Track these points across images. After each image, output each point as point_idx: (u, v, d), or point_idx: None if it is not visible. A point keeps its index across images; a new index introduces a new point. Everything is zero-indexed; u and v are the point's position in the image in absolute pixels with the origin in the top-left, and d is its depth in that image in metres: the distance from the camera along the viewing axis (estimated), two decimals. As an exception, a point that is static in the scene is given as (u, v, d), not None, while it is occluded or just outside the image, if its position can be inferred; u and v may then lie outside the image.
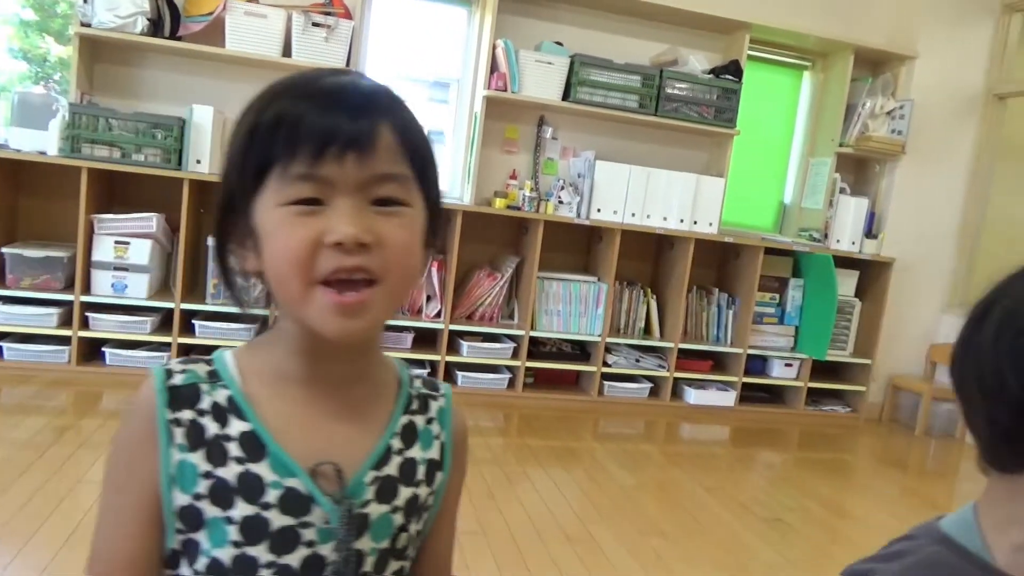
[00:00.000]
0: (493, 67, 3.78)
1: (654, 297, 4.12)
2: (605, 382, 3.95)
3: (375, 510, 0.66)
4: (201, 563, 0.63)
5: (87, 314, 3.35)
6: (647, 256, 4.25)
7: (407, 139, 0.64)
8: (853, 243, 4.23)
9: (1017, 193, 4.43)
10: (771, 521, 2.74)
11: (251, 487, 0.62)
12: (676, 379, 4.04)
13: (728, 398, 4.09)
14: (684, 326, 4.06)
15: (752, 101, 4.17)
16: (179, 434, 0.63)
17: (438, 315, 3.77)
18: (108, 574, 0.65)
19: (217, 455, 0.63)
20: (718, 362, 4.19)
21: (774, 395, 4.31)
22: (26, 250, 3.30)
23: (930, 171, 4.32)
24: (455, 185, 4.06)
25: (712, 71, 4.01)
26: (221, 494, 0.62)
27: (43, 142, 3.34)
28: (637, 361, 4.02)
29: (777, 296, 4.23)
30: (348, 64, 3.56)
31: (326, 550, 0.64)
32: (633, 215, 3.91)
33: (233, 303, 0.72)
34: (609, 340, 3.94)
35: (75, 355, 3.33)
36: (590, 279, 3.95)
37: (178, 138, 3.37)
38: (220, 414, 0.64)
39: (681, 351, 4.01)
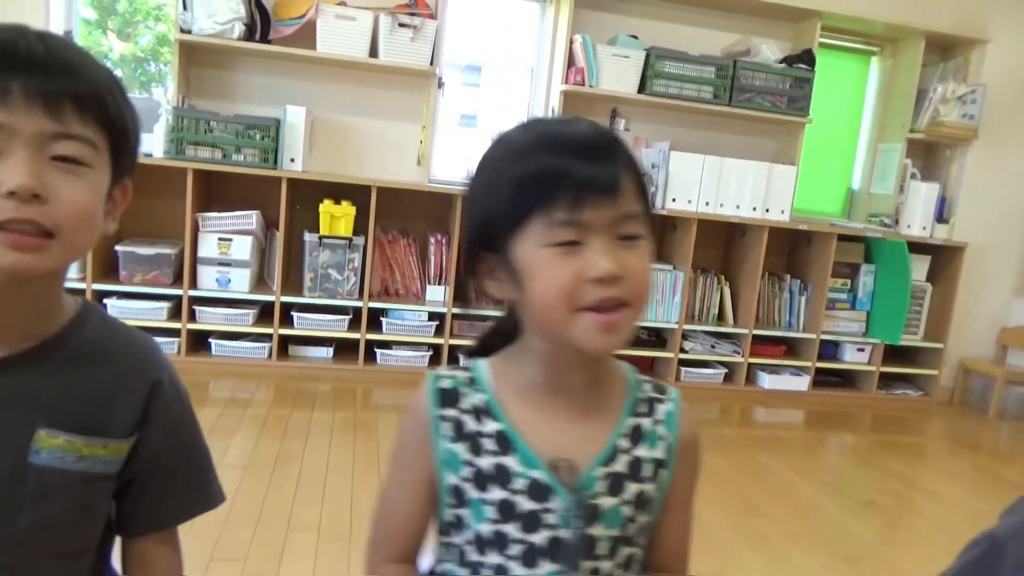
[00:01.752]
0: (570, 61, 3.87)
1: (727, 284, 4.20)
2: (682, 368, 4.05)
3: (606, 502, 0.76)
4: (468, 534, 0.77)
5: (194, 307, 3.53)
6: (718, 243, 4.33)
7: (639, 181, 0.75)
8: (924, 228, 4.26)
9: (1090, 175, 4.42)
10: (864, 503, 2.83)
11: (503, 475, 0.75)
12: (750, 364, 4.12)
13: (802, 383, 4.17)
14: (756, 312, 4.14)
15: (820, 88, 4.20)
16: (446, 428, 0.77)
17: (520, 304, 3.89)
18: (390, 528, 0.81)
19: (476, 448, 0.76)
20: (791, 347, 4.26)
21: (846, 379, 4.37)
22: (137, 247, 3.49)
23: (1002, 155, 4.33)
24: (532, 177, 4.17)
25: (784, 60, 4.06)
26: (480, 479, 0.75)
27: (148, 144, 3.51)
28: (712, 347, 4.11)
29: (849, 282, 4.28)
30: (432, 62, 3.68)
31: (564, 533, 0.75)
32: (707, 204, 3.99)
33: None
34: (685, 327, 4.03)
35: (184, 346, 3.52)
36: (666, 267, 4.04)
37: (274, 138, 3.52)
38: (477, 414, 0.77)
39: (755, 337, 4.09)
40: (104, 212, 0.72)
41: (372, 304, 3.69)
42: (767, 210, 4.06)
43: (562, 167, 0.70)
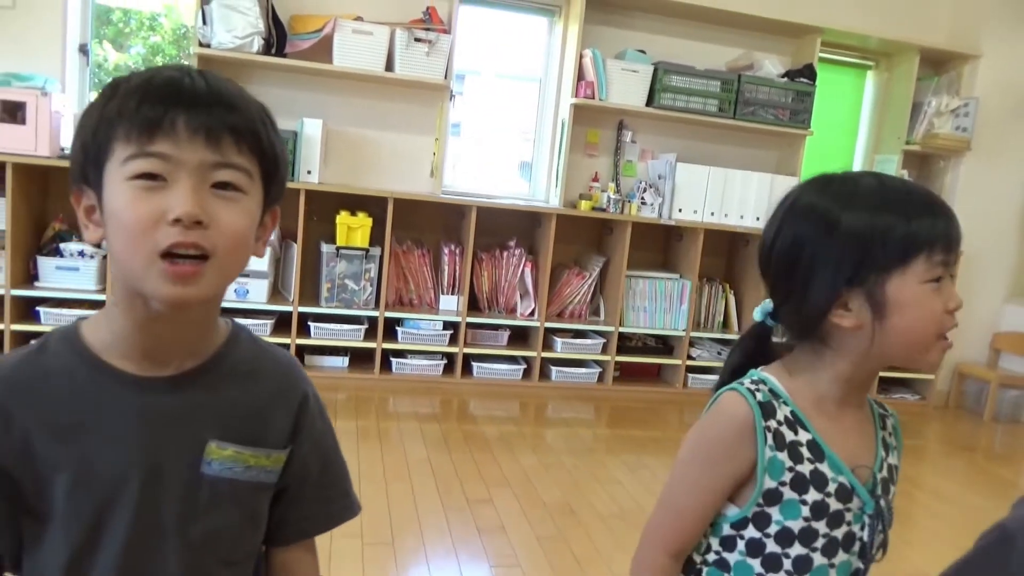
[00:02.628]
0: (580, 74, 3.96)
1: (732, 292, 4.30)
2: (689, 375, 4.14)
3: (884, 502, 0.89)
4: (772, 528, 0.86)
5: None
6: (722, 252, 4.43)
7: None
8: (920, 237, 4.38)
9: (1077, 185, 4.58)
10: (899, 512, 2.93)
11: (819, 480, 0.85)
12: (755, 370, 4.22)
13: (804, 387, 4.27)
14: (761, 319, 4.23)
15: (818, 100, 4.32)
16: (769, 437, 0.85)
17: (531, 314, 3.97)
18: (682, 524, 0.89)
19: (795, 455, 0.85)
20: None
21: (845, 384, 4.48)
22: (156, 259, 3.52)
23: (994, 166, 4.48)
24: (543, 188, 4.25)
25: (786, 74, 4.18)
26: (799, 483, 0.85)
27: (166, 157, 3.55)
28: (719, 354, 4.21)
29: (848, 289, 4.40)
30: (445, 75, 3.75)
31: (856, 528, 0.87)
32: (712, 214, 4.09)
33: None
34: (692, 334, 4.13)
35: (202, 357, 3.54)
36: (673, 276, 4.14)
37: (291, 150, 3.57)
38: (791, 425, 0.86)
39: (759, 343, 4.19)
40: (255, 237, 0.75)
41: (388, 314, 3.75)
42: (770, 220, 4.16)
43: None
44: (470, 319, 3.86)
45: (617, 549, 2.30)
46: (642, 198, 4.05)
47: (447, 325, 3.86)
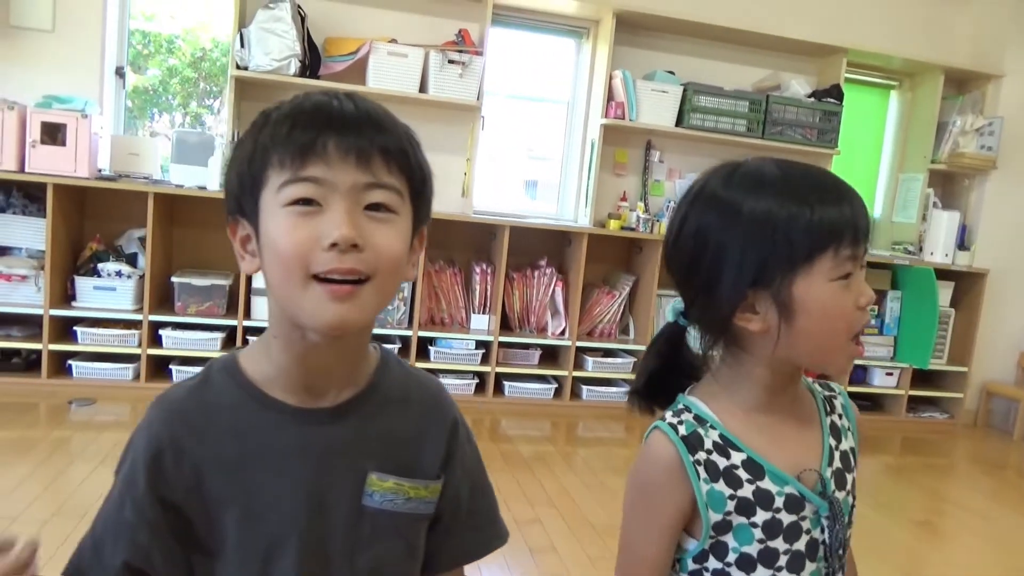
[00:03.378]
0: (610, 95, 3.99)
1: (760, 311, 4.30)
2: (719, 393, 4.14)
3: (839, 496, 0.85)
4: (730, 557, 0.82)
5: (248, 337, 3.58)
6: (749, 271, 4.43)
7: None
8: (946, 255, 4.40)
9: (1102, 203, 4.60)
10: (922, 523, 2.92)
11: (764, 498, 0.81)
12: (784, 389, 4.22)
13: (833, 406, 4.27)
14: (790, 338, 4.24)
15: (843, 120, 4.36)
16: (701, 471, 0.81)
17: (562, 333, 3.97)
18: (644, 571, 0.85)
19: (733, 481, 0.81)
20: (824, 373, 4.36)
21: (875, 403, 4.48)
22: (192, 279, 3.54)
23: (1020, 184, 4.50)
24: (571, 208, 4.28)
25: (813, 94, 4.21)
26: (744, 507, 0.81)
27: (203, 178, 3.58)
28: (748, 372, 4.20)
29: (876, 308, 4.41)
30: (478, 97, 3.79)
31: (817, 533, 0.83)
32: (741, 233, 4.10)
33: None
34: (722, 353, 4.12)
35: (237, 376, 3.55)
36: (701, 295, 4.14)
37: (326, 171, 3.60)
38: (721, 450, 0.82)
39: (788, 362, 4.19)
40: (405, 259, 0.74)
41: (422, 333, 3.76)
42: (797, 238, 4.18)
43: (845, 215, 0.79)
44: (502, 338, 3.87)
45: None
46: (671, 217, 4.07)
47: (479, 344, 3.87)
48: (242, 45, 3.54)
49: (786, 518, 0.82)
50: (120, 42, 3.82)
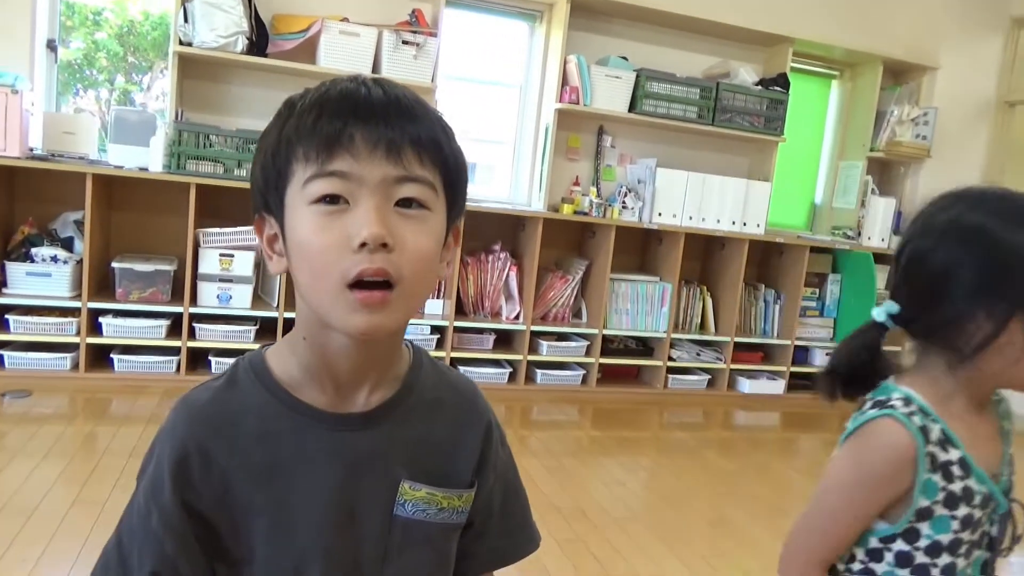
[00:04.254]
0: (564, 80, 3.99)
1: (709, 294, 4.39)
2: (669, 375, 4.22)
3: (1016, 502, 0.95)
4: (921, 543, 0.89)
5: (193, 324, 3.46)
6: (697, 255, 4.52)
7: None
8: (883, 240, 4.58)
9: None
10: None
11: (968, 495, 0.88)
12: (731, 370, 4.33)
13: (777, 387, 4.41)
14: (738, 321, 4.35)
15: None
16: (927, 462, 0.87)
17: (516, 317, 3.98)
18: (833, 542, 0.92)
19: (947, 475, 0.87)
20: (767, 353, 4.50)
21: (813, 381, 4.64)
22: (135, 264, 3.39)
23: (950, 172, 4.70)
24: (524, 192, 4.27)
25: (760, 82, 4.29)
26: (950, 501, 0.88)
27: (144, 158, 3.43)
28: (698, 355, 4.30)
29: (817, 291, 4.56)
30: (432, 79, 3.73)
31: (987, 527, 0.92)
32: (690, 218, 4.18)
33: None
34: (672, 336, 4.20)
35: (184, 365, 3.44)
36: (652, 279, 4.21)
37: (276, 153, 3.49)
38: (942, 445, 0.88)
39: (735, 344, 4.31)
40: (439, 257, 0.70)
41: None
42: (744, 224, 4.28)
43: None
44: (456, 323, 3.85)
45: (636, 551, 2.33)
46: (623, 202, 4.11)
47: (434, 329, 3.84)
48: (185, 20, 3.39)
49: (977, 513, 0.90)
50: (52, 13, 3.61)
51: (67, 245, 3.42)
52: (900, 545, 0.90)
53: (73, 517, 2.17)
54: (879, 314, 0.95)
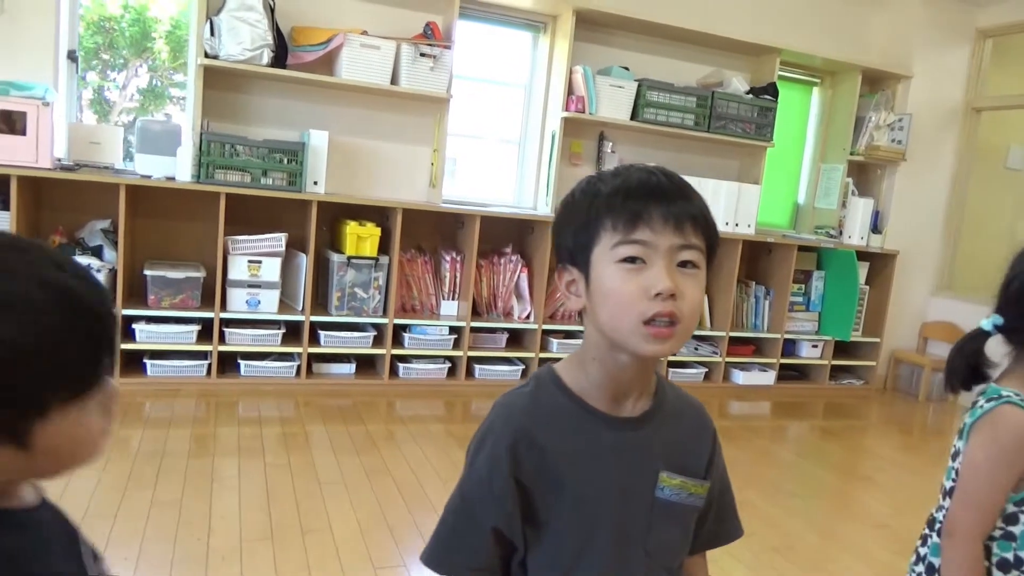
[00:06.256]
0: (570, 89, 4.18)
1: (705, 292, 4.63)
2: (669, 369, 4.46)
3: None
4: None
5: (223, 329, 3.57)
6: (691, 255, 4.76)
7: None
8: (862, 238, 4.88)
9: (989, 192, 5.22)
10: (864, 479, 3.33)
11: None
12: (726, 363, 4.59)
13: (768, 378, 4.69)
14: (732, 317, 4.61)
15: (772, 114, 4.72)
16: None
17: (528, 317, 4.17)
18: (984, 512, 1.12)
19: None
20: (758, 347, 4.77)
21: (802, 373, 4.94)
22: (166, 271, 3.48)
23: (924, 174, 5.03)
24: (530, 196, 4.45)
25: (751, 91, 4.54)
26: None
27: (169, 168, 3.52)
28: (696, 349, 4.54)
29: (803, 286, 4.84)
30: (448, 89, 3.88)
31: None
32: (688, 220, 4.40)
33: None
34: (672, 332, 4.43)
35: (214, 368, 3.55)
36: (653, 278, 4.43)
37: (300, 161, 3.62)
38: None
39: (729, 338, 4.56)
40: None
41: (396, 320, 3.86)
42: (736, 224, 4.53)
43: None
44: (472, 323, 4.02)
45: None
46: (625, 205, 4.31)
47: (451, 330, 4.00)
48: (212, 33, 3.49)
49: None
50: (72, 24, 3.66)
51: (96, 253, 3.50)
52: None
53: (122, 518, 2.30)
54: (987, 324, 1.17)
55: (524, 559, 0.89)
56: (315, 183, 3.70)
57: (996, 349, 1.18)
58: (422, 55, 3.77)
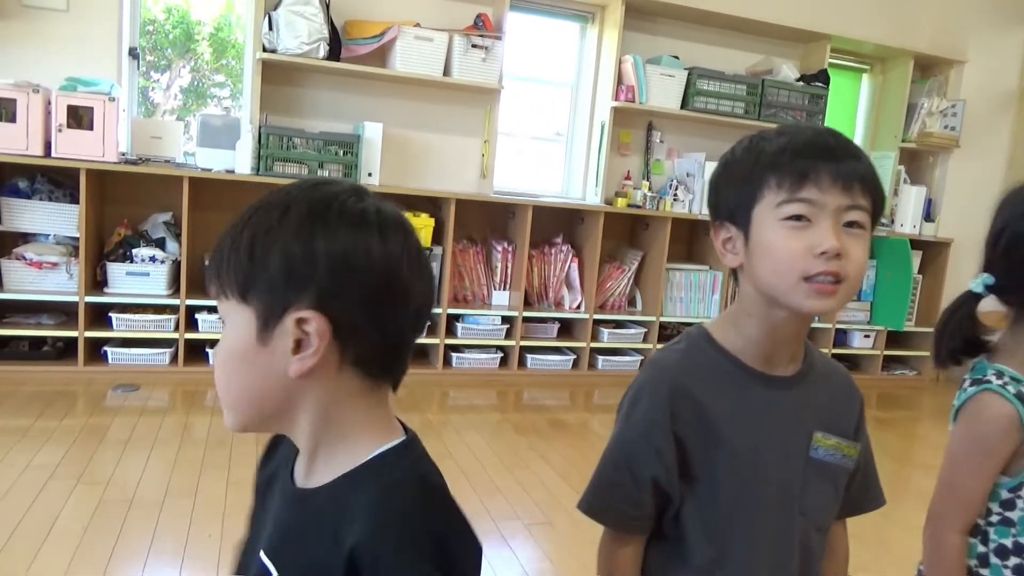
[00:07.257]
0: (619, 79, 4.17)
1: (754, 281, 4.60)
2: (720, 359, 4.43)
3: None
4: None
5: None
6: (740, 244, 4.73)
7: None
8: (914, 226, 4.81)
9: (1045, 178, 5.11)
10: (921, 466, 3.30)
11: None
12: (777, 353, 4.55)
13: (820, 368, 4.64)
14: (781, 306, 4.57)
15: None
16: None
17: (578, 307, 4.17)
18: (971, 507, 1.04)
19: None
20: (810, 336, 4.71)
21: (853, 363, 4.88)
22: (227, 263, 3.55)
23: (978, 161, 4.94)
24: (579, 186, 4.45)
25: (801, 78, 4.50)
26: None
27: (229, 161, 3.58)
28: (746, 339, 4.51)
29: (854, 276, 4.78)
30: (500, 81, 3.90)
31: None
32: (738, 209, 4.38)
33: None
34: (723, 321, 4.41)
35: (274, 358, 3.60)
36: (703, 268, 4.41)
37: (355, 153, 3.66)
38: None
39: (780, 328, 4.52)
40: None
41: (450, 310, 3.89)
42: (787, 213, 4.49)
43: None
44: (524, 313, 4.04)
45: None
46: (675, 195, 4.31)
47: (504, 320, 4.02)
48: (270, 28, 3.54)
49: None
50: (133, 21, 3.74)
51: (160, 245, 3.58)
52: None
53: (174, 505, 2.36)
54: (976, 285, 1.08)
55: (678, 513, 0.90)
56: (369, 174, 3.74)
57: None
58: (474, 46, 3.79)
